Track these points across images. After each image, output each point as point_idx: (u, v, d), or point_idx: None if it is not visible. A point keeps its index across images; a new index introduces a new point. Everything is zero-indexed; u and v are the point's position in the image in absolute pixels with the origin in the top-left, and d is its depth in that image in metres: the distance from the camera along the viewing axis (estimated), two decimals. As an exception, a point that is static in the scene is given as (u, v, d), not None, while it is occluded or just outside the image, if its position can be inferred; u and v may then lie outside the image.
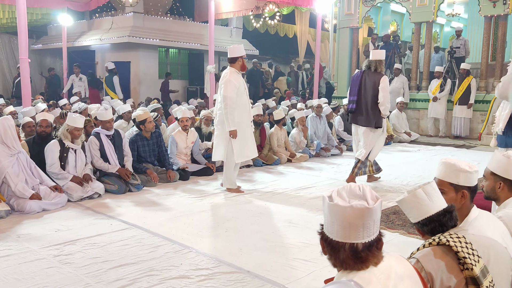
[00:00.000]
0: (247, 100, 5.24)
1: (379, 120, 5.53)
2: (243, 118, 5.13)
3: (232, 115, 5.00)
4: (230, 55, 5.14)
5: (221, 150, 5.24)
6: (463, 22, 14.97)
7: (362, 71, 5.61)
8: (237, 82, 5.03)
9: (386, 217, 4.33)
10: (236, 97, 5.02)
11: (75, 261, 3.21)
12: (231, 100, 4.97)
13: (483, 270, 1.69)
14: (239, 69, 5.14)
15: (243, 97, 5.13)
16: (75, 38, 15.25)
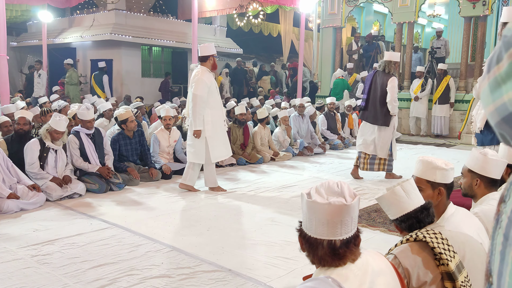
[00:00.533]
0: (219, 99, 5.20)
1: (387, 118, 5.81)
2: (215, 117, 5.07)
3: (200, 114, 4.91)
4: (201, 53, 5.06)
5: (196, 150, 5.13)
6: (444, 23, 15.20)
7: (375, 71, 5.94)
8: (209, 81, 4.97)
9: (368, 215, 4.37)
10: (208, 96, 4.95)
11: (53, 261, 3.16)
12: (201, 99, 4.89)
13: (459, 266, 1.72)
14: (210, 68, 5.06)
15: (215, 96, 5.07)
16: (55, 35, 15.01)
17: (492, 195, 2.43)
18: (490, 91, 0.66)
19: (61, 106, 7.70)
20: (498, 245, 0.74)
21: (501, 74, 0.64)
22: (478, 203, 2.46)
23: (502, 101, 0.63)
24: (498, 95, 0.64)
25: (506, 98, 0.63)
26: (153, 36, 14.28)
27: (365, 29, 14.49)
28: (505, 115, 0.64)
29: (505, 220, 0.73)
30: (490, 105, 0.66)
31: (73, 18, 15.22)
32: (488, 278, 0.77)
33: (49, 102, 9.45)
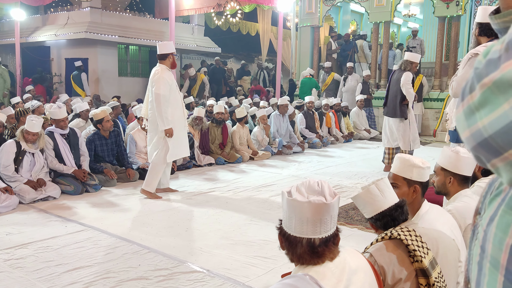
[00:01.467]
0: (180, 98, 5.10)
1: (403, 111, 6.28)
2: (176, 116, 4.94)
3: (166, 113, 4.80)
4: (159, 51, 4.95)
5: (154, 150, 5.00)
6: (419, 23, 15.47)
7: (395, 70, 6.46)
8: (169, 79, 4.88)
9: (346, 212, 4.41)
10: (169, 95, 4.86)
11: (27, 265, 3.08)
12: (164, 98, 4.78)
13: (432, 262, 1.74)
14: (170, 66, 4.96)
15: (175, 94, 4.97)
16: (28, 34, 14.64)
17: (464, 192, 2.48)
18: (465, 118, 0.70)
19: (34, 106, 7.52)
20: (475, 255, 0.78)
21: (474, 103, 0.68)
22: (451, 200, 2.51)
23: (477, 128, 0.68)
24: (472, 122, 0.69)
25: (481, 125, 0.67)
26: (130, 35, 14.08)
27: (342, 28, 14.63)
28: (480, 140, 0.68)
29: (481, 232, 0.76)
30: (466, 130, 0.70)
31: (47, 16, 14.88)
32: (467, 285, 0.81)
33: (22, 102, 9.22)
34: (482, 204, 0.82)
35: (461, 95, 0.72)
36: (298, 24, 13.37)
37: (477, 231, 0.80)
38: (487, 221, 0.75)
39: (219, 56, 16.34)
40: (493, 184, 0.80)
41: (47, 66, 14.78)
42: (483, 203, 0.81)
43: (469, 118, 0.69)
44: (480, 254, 0.75)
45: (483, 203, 0.81)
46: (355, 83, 11.50)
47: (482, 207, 0.81)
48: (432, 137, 10.32)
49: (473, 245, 0.80)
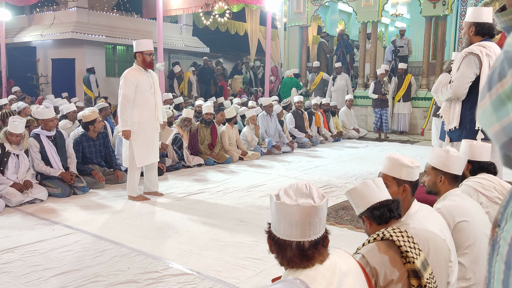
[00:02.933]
0: (152, 99, 4.83)
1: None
2: (143, 118, 4.78)
3: (125, 114, 4.68)
4: (134, 50, 4.86)
5: (124, 153, 4.95)
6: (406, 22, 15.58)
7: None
8: (135, 79, 4.69)
9: (335, 212, 4.42)
10: (136, 95, 4.70)
11: (14, 269, 3.03)
12: (125, 99, 4.67)
13: (424, 263, 1.75)
14: (141, 65, 4.79)
15: (145, 95, 4.76)
16: (14, 34, 14.45)
17: (454, 191, 2.50)
18: (494, 110, 0.62)
19: (20, 107, 7.41)
20: (498, 273, 0.70)
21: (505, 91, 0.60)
22: (441, 199, 2.53)
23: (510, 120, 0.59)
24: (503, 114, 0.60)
25: None
26: (117, 34, 13.97)
27: (330, 28, 14.67)
28: None
29: (505, 247, 0.68)
30: (495, 124, 0.62)
31: (33, 16, 14.69)
32: None
33: (8, 104, 9.08)
34: (502, 214, 0.73)
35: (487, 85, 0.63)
36: (287, 23, 13.39)
37: (497, 245, 0.71)
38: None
39: (207, 56, 16.29)
40: None
41: (33, 67, 14.60)
42: (504, 214, 0.72)
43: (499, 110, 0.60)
44: (505, 271, 0.67)
45: (503, 214, 0.72)
46: (344, 82, 11.58)
47: (503, 218, 0.72)
48: (420, 136, 10.41)
49: (494, 261, 0.72)
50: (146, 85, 4.78)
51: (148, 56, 4.78)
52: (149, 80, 4.83)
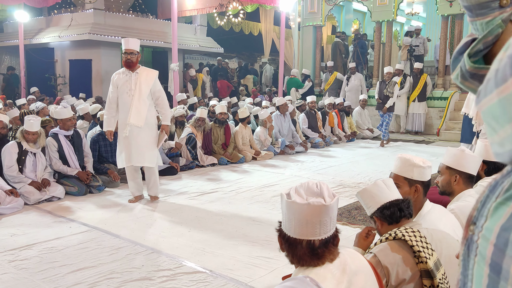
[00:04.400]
0: (129, 101, 4.57)
1: None
2: (121, 120, 4.66)
3: (106, 114, 4.71)
4: None
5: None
6: (422, 21, 15.44)
7: None
8: (115, 80, 4.61)
9: (348, 212, 4.41)
10: (118, 97, 4.62)
11: (32, 266, 3.10)
12: (108, 100, 4.67)
13: (437, 263, 1.75)
14: (124, 66, 4.65)
15: (122, 97, 4.60)
16: (32, 35, 14.71)
17: (468, 192, 2.48)
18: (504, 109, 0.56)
19: (39, 107, 7.57)
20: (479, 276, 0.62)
21: None
22: (455, 199, 2.51)
23: None
24: None
25: None
26: (133, 35, 14.09)
27: (345, 27, 14.61)
28: None
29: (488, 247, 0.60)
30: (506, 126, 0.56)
31: (51, 18, 14.94)
32: None
33: (27, 104, 9.28)
34: (479, 211, 0.66)
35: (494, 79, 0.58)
36: (301, 23, 13.37)
37: (474, 245, 0.64)
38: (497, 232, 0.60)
39: (221, 56, 16.36)
40: (499, 186, 0.64)
41: (51, 68, 14.84)
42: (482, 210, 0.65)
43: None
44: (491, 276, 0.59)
45: (481, 210, 0.66)
46: (358, 82, 11.51)
47: (481, 214, 0.65)
48: (435, 136, 10.30)
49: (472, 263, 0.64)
50: (126, 87, 4.60)
51: (124, 55, 4.58)
52: (130, 81, 4.59)
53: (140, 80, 4.59)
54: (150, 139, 4.72)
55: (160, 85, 4.77)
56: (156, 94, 4.70)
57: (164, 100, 4.77)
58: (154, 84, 4.67)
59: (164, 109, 4.78)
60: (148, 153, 4.71)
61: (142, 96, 4.58)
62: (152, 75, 4.68)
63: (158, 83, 4.74)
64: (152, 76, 4.67)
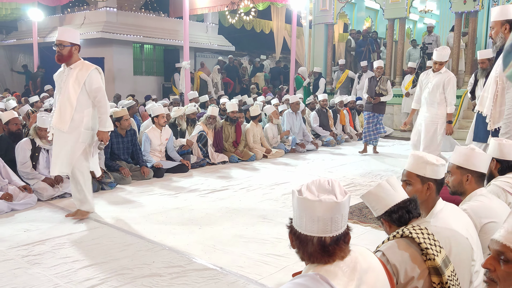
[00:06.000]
0: (58, 100, 4.00)
1: None
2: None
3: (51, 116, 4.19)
4: None
5: None
6: (436, 19, 15.26)
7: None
8: (57, 78, 4.07)
9: (359, 211, 4.38)
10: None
11: (44, 261, 3.14)
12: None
13: (445, 260, 1.73)
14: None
15: (56, 96, 4.07)
16: (46, 34, 14.89)
17: (480, 191, 2.45)
18: None
19: (52, 105, 7.64)
20: None
21: None
22: (466, 199, 2.47)
23: None
24: None
25: None
26: (145, 33, 14.22)
27: (357, 25, 14.51)
28: None
29: None
30: None
31: (64, 16, 15.11)
32: None
33: (40, 101, 9.39)
34: None
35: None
36: (312, 21, 13.32)
37: None
38: None
39: (232, 54, 16.37)
40: None
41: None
42: None
43: None
44: None
45: None
46: (369, 80, 11.43)
47: None
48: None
49: None
50: (58, 84, 4.05)
51: (54, 47, 3.98)
52: (62, 78, 4.01)
53: (69, 77, 3.93)
54: (73, 145, 3.97)
55: (98, 84, 3.98)
56: (92, 93, 3.96)
57: (102, 102, 3.99)
58: (89, 83, 3.93)
59: (100, 112, 4.00)
60: (62, 160, 3.99)
61: (68, 96, 3.91)
62: (85, 71, 3.94)
63: (95, 81, 3.96)
64: (84, 73, 3.93)
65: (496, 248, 1.24)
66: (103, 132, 4.03)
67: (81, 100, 3.96)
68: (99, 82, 4.00)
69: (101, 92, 3.98)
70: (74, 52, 4.00)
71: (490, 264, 1.26)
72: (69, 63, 3.99)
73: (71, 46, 3.97)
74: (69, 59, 3.98)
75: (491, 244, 1.26)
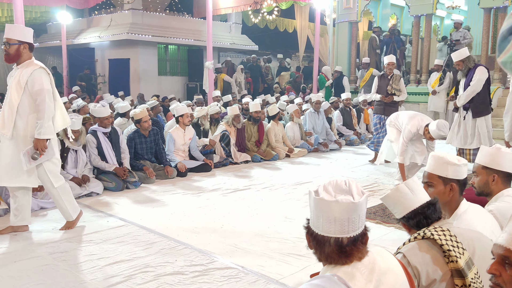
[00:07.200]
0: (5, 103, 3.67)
1: None
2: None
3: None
4: None
5: None
6: (464, 14, 14.88)
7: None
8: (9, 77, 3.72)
9: (382, 211, 4.33)
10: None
11: (71, 258, 3.23)
12: None
13: (468, 263, 1.69)
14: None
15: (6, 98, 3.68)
16: (74, 36, 15.26)
17: (507, 191, 2.39)
18: None
19: (80, 106, 7.83)
20: None
21: None
22: (492, 200, 2.42)
23: None
24: None
25: None
26: (169, 34, 14.40)
27: (381, 23, 14.29)
28: None
29: None
30: None
31: (91, 19, 15.46)
32: None
33: (69, 102, 9.64)
34: None
35: None
36: (336, 19, 13.20)
37: None
38: None
39: (256, 53, 16.39)
40: None
41: (92, 67, 15.35)
42: None
43: None
44: None
45: None
46: (395, 78, 11.24)
47: None
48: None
49: None
50: (8, 85, 3.70)
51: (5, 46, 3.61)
52: (10, 79, 3.67)
53: (17, 79, 3.58)
54: (16, 154, 3.59)
55: (41, 85, 3.54)
56: (33, 96, 3.55)
57: (41, 106, 3.53)
58: (31, 84, 3.54)
59: (39, 117, 3.55)
60: (6, 171, 3.62)
61: (10, 99, 3.58)
62: (28, 71, 3.55)
63: (37, 82, 3.54)
64: (26, 73, 3.55)
65: (500, 253, 1.21)
66: (39, 140, 3.53)
67: (25, 104, 3.56)
68: (41, 83, 3.54)
69: (42, 95, 3.52)
70: (23, 51, 3.62)
71: (495, 270, 1.23)
72: (18, 63, 3.63)
73: (19, 44, 3.59)
74: (17, 59, 3.61)
75: (494, 249, 1.23)
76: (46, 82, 3.59)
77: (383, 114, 6.71)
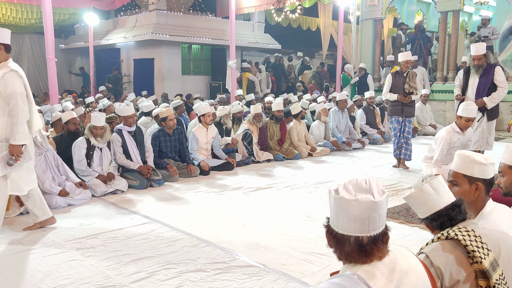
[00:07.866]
0: None
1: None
2: None
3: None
4: None
5: None
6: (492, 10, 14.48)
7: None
8: None
9: (406, 211, 4.27)
10: None
11: (97, 254, 3.31)
12: None
13: (493, 264, 1.66)
14: None
15: None
16: (101, 37, 15.58)
17: (534, 191, 2.32)
18: None
19: (105, 105, 8.01)
20: None
21: None
22: (520, 200, 2.35)
23: None
24: None
25: None
26: (193, 34, 14.52)
27: (407, 19, 14.05)
28: None
29: None
30: None
31: (117, 20, 15.74)
32: None
33: (95, 102, 9.86)
34: None
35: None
36: (360, 17, 13.05)
37: None
38: None
39: (279, 52, 16.36)
40: None
41: (118, 67, 15.65)
42: None
43: None
44: None
45: None
46: (420, 76, 11.02)
47: None
48: (506, 132, 9.66)
49: None
50: None
51: None
52: None
53: None
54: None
55: (13, 88, 3.39)
56: (6, 99, 3.41)
57: (15, 110, 3.40)
58: (3, 87, 3.40)
59: (12, 122, 3.41)
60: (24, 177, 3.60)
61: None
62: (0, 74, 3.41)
63: (10, 85, 3.40)
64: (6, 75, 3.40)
65: None
66: (14, 145, 3.40)
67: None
68: (14, 86, 3.39)
69: (14, 98, 3.37)
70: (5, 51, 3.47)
71: None
72: None
73: None
74: None
75: None
76: (19, 85, 3.44)
77: (402, 115, 6.23)
